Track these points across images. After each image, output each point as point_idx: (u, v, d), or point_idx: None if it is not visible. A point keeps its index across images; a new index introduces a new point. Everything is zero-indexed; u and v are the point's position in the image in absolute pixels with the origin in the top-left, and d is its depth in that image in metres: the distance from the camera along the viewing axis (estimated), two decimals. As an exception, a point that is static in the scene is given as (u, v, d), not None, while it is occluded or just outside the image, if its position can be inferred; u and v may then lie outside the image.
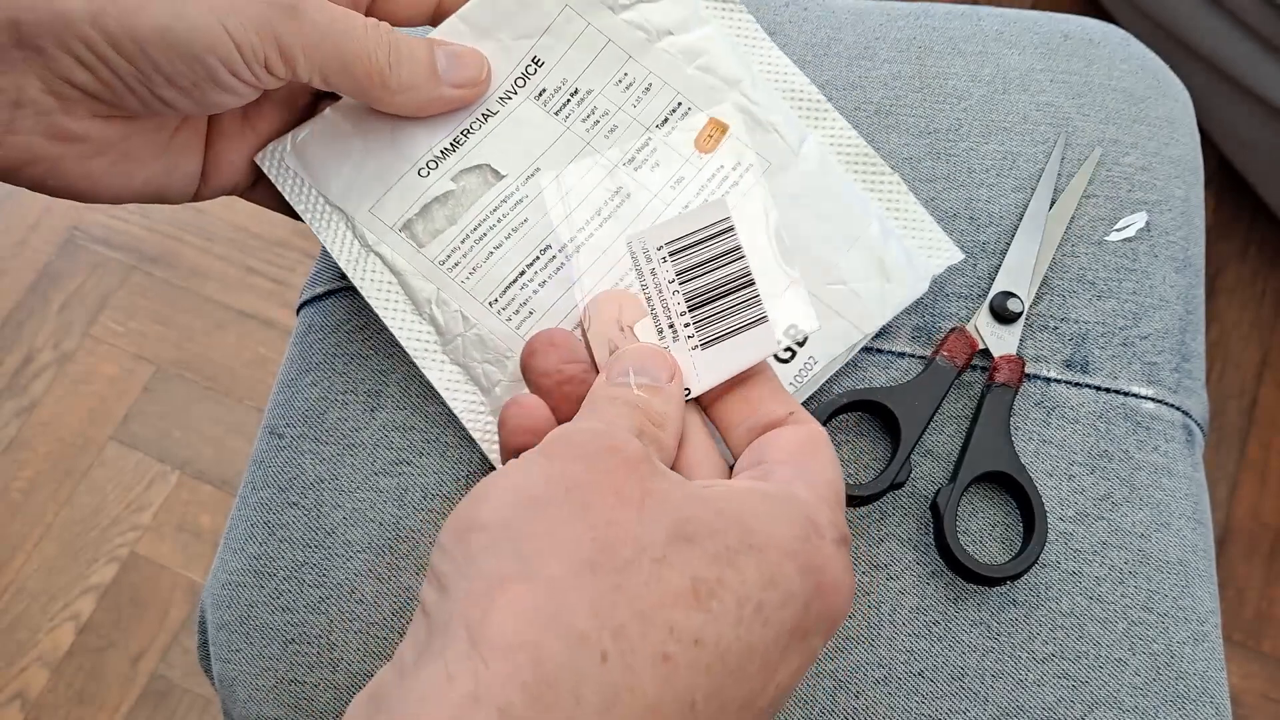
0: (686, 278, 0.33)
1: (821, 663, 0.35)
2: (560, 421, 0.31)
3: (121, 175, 0.34)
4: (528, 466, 0.26)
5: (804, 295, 0.35)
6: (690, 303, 0.33)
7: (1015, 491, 0.36)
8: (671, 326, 0.33)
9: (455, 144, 0.37)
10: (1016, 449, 0.36)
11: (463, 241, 0.36)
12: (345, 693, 0.36)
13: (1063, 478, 0.37)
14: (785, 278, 0.36)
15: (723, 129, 0.37)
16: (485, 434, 0.36)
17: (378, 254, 0.36)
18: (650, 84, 0.38)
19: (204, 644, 0.40)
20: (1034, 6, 1.11)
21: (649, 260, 0.33)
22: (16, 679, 0.89)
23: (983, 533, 0.36)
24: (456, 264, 0.36)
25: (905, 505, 0.37)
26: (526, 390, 0.32)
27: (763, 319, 0.33)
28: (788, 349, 0.36)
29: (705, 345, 0.33)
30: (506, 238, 0.36)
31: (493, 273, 0.36)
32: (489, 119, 0.37)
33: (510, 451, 0.30)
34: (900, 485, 0.35)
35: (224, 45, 0.31)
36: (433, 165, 0.37)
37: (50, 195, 0.34)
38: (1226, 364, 0.99)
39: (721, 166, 0.37)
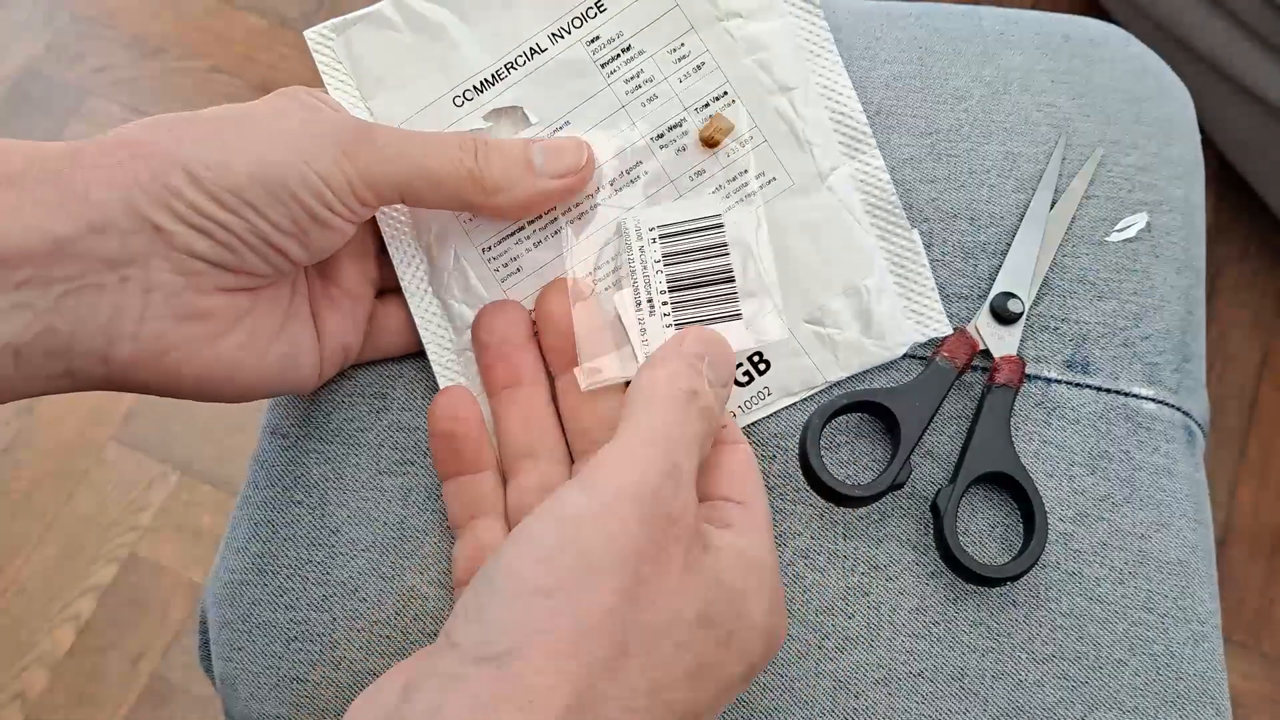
0: (671, 262, 0.35)
1: (821, 663, 0.35)
2: (491, 384, 0.36)
3: (253, 355, 0.33)
4: (589, 520, 0.27)
5: (775, 310, 0.36)
6: (671, 284, 0.34)
7: (1015, 492, 0.36)
8: (650, 301, 0.34)
9: (497, 76, 0.37)
10: (1017, 449, 0.37)
11: None
12: (348, 691, 0.36)
13: (1063, 478, 0.37)
14: (762, 291, 0.36)
15: (728, 127, 0.37)
16: (445, 368, 0.37)
17: None
18: (703, 63, 0.37)
19: (205, 643, 0.40)
20: (1034, 6, 1.11)
21: (639, 238, 0.35)
22: (16, 679, 0.89)
23: (983, 533, 0.37)
24: None
25: (905, 506, 0.37)
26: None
27: (736, 315, 0.34)
28: (745, 373, 0.36)
29: (679, 326, 0.34)
30: None
31: (494, 221, 0.37)
32: (535, 55, 0.37)
33: (438, 436, 0.34)
34: (900, 486, 0.35)
35: (312, 181, 0.31)
36: (469, 96, 0.37)
37: (184, 394, 0.33)
38: (1226, 364, 0.99)
39: (745, 171, 0.37)
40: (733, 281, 0.35)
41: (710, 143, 0.37)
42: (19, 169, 0.29)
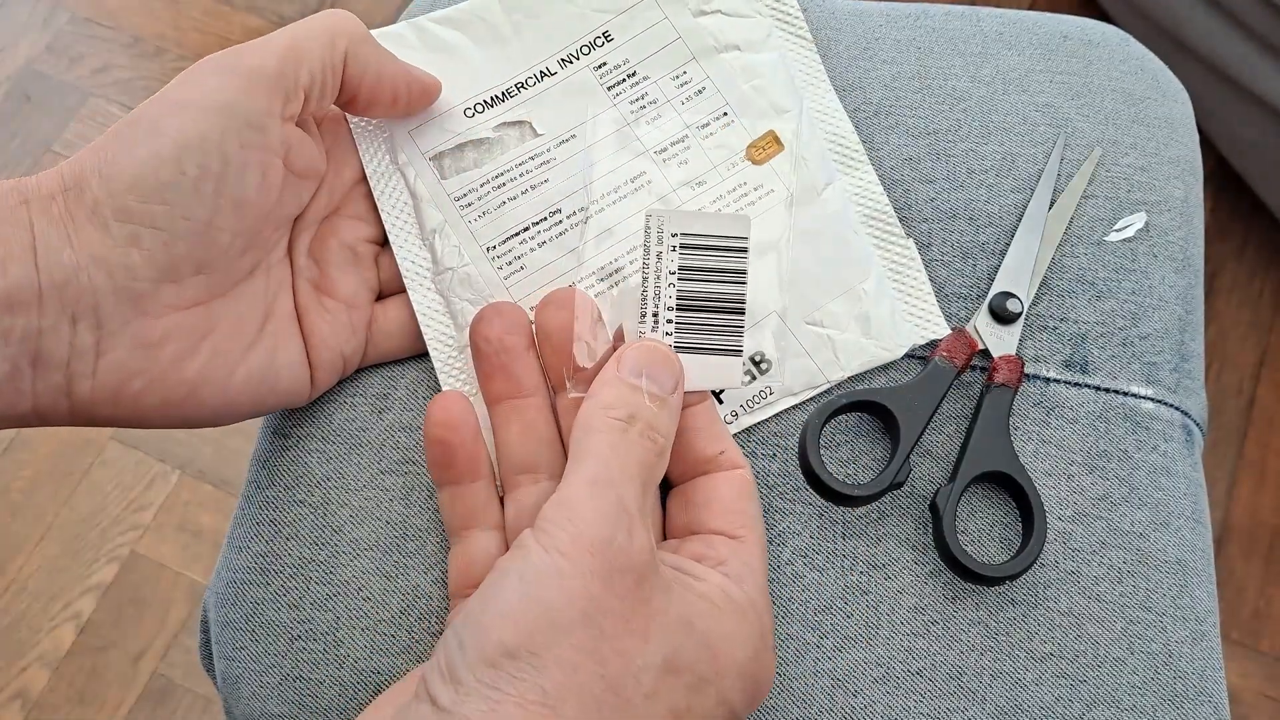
0: (686, 277, 0.34)
1: (820, 662, 0.35)
2: (490, 394, 0.35)
3: (220, 372, 0.32)
4: (550, 577, 0.27)
5: (778, 330, 0.36)
6: (680, 302, 0.34)
7: (1014, 491, 0.36)
8: (655, 315, 0.34)
9: (507, 94, 0.39)
10: (1016, 449, 0.37)
11: (482, 185, 0.38)
12: (350, 689, 0.36)
13: (1061, 477, 0.37)
14: (774, 305, 0.36)
15: (778, 145, 0.38)
16: (446, 364, 0.37)
17: (402, 173, 0.38)
18: (704, 88, 0.39)
19: (206, 642, 0.40)
20: (1032, 7, 1.11)
21: (660, 242, 0.34)
22: (17, 679, 0.89)
23: (981, 532, 0.37)
24: (470, 204, 0.38)
25: (904, 505, 0.37)
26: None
27: (737, 351, 0.34)
28: (747, 373, 0.37)
29: (679, 350, 0.33)
30: (523, 192, 0.38)
31: (500, 221, 0.38)
32: (545, 78, 0.39)
33: (432, 442, 0.34)
34: (899, 485, 0.35)
35: (210, 124, 0.30)
36: (479, 109, 0.38)
37: (152, 423, 0.32)
38: (1224, 364, 0.99)
39: (744, 183, 0.38)
40: (743, 314, 0.34)
41: (755, 160, 0.38)
42: None
